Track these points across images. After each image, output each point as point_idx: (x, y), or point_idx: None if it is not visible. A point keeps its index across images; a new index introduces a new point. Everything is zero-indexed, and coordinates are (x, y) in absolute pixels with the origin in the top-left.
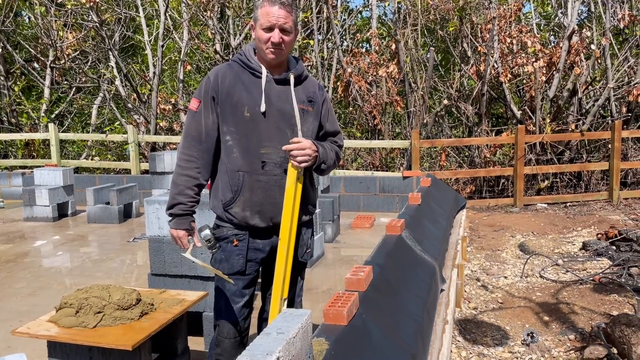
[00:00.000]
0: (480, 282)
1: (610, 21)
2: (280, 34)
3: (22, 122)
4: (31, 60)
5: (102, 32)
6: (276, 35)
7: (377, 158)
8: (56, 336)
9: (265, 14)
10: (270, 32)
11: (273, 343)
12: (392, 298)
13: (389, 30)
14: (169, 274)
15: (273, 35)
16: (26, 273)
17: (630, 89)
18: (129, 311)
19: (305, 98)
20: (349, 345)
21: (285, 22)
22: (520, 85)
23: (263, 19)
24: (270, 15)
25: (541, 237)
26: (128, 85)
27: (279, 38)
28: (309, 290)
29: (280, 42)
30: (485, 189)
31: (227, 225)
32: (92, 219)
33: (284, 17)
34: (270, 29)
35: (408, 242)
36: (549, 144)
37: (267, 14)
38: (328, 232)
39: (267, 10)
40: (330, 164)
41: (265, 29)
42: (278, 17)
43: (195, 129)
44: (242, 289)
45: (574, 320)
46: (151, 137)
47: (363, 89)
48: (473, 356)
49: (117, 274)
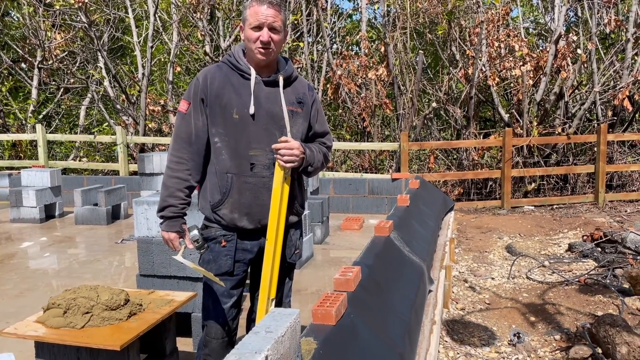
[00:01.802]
0: (467, 283)
1: (596, 26)
2: (269, 33)
3: (9, 122)
4: (19, 60)
5: (90, 32)
6: (265, 34)
7: (367, 160)
8: (44, 337)
9: (254, 13)
10: (259, 31)
11: (262, 342)
12: (381, 298)
13: (378, 33)
14: (157, 275)
15: (262, 34)
16: (13, 274)
17: (616, 93)
18: (118, 311)
19: (294, 99)
20: (337, 344)
21: (274, 20)
22: (508, 89)
23: (252, 18)
24: (259, 14)
25: (528, 238)
26: (117, 86)
27: (268, 37)
28: (298, 291)
29: (269, 41)
30: (473, 191)
31: (215, 226)
32: (80, 220)
33: (273, 15)
34: (259, 28)
35: (396, 243)
36: (536, 147)
37: (256, 13)
38: (317, 234)
39: (255, 9)
40: (318, 166)
41: (254, 28)
42: (267, 16)
43: (184, 131)
44: (230, 290)
45: (559, 321)
46: (140, 139)
47: (352, 91)
48: (460, 356)
49: (105, 275)
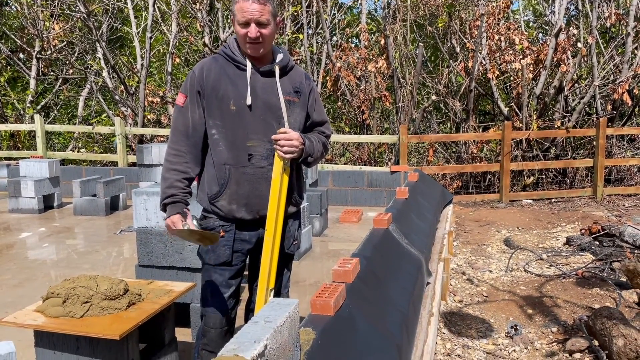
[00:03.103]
0: (465, 275)
1: (597, 19)
2: (257, 29)
3: (8, 113)
4: (17, 50)
5: (89, 22)
6: (253, 31)
7: (365, 153)
8: (43, 325)
9: (240, 10)
10: (246, 27)
11: (261, 331)
12: (379, 290)
13: (378, 25)
14: (156, 265)
15: (250, 31)
16: (11, 265)
17: (616, 87)
18: (117, 301)
19: (291, 89)
20: (335, 335)
21: (260, 15)
22: (508, 82)
23: (239, 15)
24: (245, 10)
25: (526, 232)
26: (115, 77)
27: (256, 33)
28: (296, 283)
29: (257, 37)
30: (472, 184)
31: (214, 217)
32: (79, 211)
33: (259, 10)
34: (247, 24)
35: (395, 235)
36: (535, 141)
37: (242, 9)
38: (316, 226)
39: (241, 5)
40: (317, 156)
41: (242, 24)
42: (252, 12)
43: (182, 124)
44: (228, 280)
45: (556, 313)
46: (139, 130)
47: (352, 83)
48: (458, 348)
49: (104, 266)
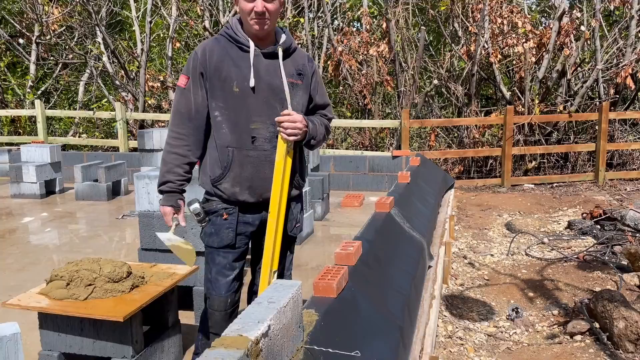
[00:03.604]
0: (467, 259)
1: (600, 2)
2: (263, 3)
3: (8, 98)
4: (16, 35)
5: (88, 7)
6: (259, 4)
7: (367, 137)
8: (47, 308)
9: None
10: (252, 1)
11: (264, 312)
12: (381, 273)
13: (380, 9)
14: (159, 249)
15: (256, 5)
16: (14, 249)
17: (619, 71)
18: (120, 284)
19: (294, 71)
20: (338, 316)
21: None
22: (510, 66)
23: None
24: None
25: (528, 216)
26: (116, 62)
27: (262, 7)
28: (299, 266)
29: (264, 11)
30: (474, 169)
31: (217, 200)
32: (80, 196)
33: None
34: None
35: (397, 219)
36: (537, 125)
37: None
38: (318, 210)
39: None
40: (320, 139)
41: None
42: None
43: (184, 106)
44: (232, 262)
45: (557, 296)
46: (139, 115)
47: (353, 68)
48: (459, 330)
49: (107, 250)
